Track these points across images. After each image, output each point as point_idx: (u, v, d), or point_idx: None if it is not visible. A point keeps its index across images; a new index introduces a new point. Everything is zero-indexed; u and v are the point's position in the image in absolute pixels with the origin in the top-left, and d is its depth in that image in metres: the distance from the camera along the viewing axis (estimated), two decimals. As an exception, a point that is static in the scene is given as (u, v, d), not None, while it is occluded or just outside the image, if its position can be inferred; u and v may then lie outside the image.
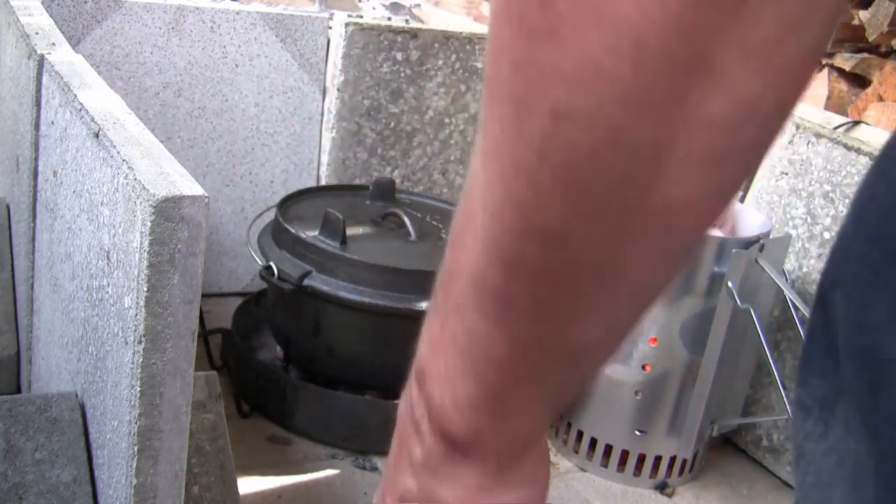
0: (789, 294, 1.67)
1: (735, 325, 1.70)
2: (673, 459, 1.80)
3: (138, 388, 0.86)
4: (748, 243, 1.68)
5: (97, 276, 0.98)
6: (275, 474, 1.59)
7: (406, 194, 2.04)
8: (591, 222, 0.31)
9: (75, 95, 1.08)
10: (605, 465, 1.81)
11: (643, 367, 1.74)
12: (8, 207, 1.55)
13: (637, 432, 1.78)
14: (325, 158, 2.20)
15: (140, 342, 0.85)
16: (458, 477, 0.40)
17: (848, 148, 1.74)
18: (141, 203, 0.84)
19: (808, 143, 1.81)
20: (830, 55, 2.25)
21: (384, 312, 1.64)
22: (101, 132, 0.97)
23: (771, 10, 0.27)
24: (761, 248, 1.68)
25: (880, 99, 2.12)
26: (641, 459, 1.80)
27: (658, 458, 1.79)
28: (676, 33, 0.27)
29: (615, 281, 0.33)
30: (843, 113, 2.11)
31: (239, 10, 2.07)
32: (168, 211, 0.83)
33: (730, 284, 1.65)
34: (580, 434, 1.83)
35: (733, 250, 1.65)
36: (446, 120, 2.26)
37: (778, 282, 1.67)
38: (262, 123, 2.14)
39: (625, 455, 1.80)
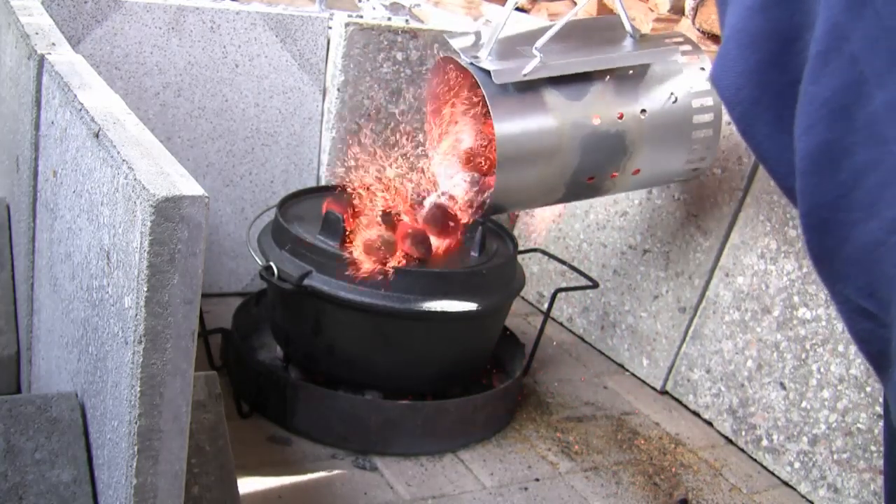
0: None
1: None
2: (673, 459, 1.80)
3: (138, 388, 0.86)
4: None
5: (97, 276, 0.98)
6: (275, 474, 1.59)
7: (406, 194, 2.04)
8: None
9: (75, 95, 1.08)
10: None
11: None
12: (8, 207, 1.55)
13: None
14: (325, 158, 2.20)
15: (140, 342, 0.85)
16: None
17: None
18: (141, 203, 0.84)
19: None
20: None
21: (384, 312, 1.64)
22: (101, 132, 0.97)
23: None
24: None
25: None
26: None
27: (658, 458, 1.79)
28: None
29: None
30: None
31: (239, 10, 2.07)
32: (168, 211, 0.83)
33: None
34: (580, 434, 1.83)
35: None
36: (446, 120, 2.26)
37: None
38: (262, 123, 2.14)
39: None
